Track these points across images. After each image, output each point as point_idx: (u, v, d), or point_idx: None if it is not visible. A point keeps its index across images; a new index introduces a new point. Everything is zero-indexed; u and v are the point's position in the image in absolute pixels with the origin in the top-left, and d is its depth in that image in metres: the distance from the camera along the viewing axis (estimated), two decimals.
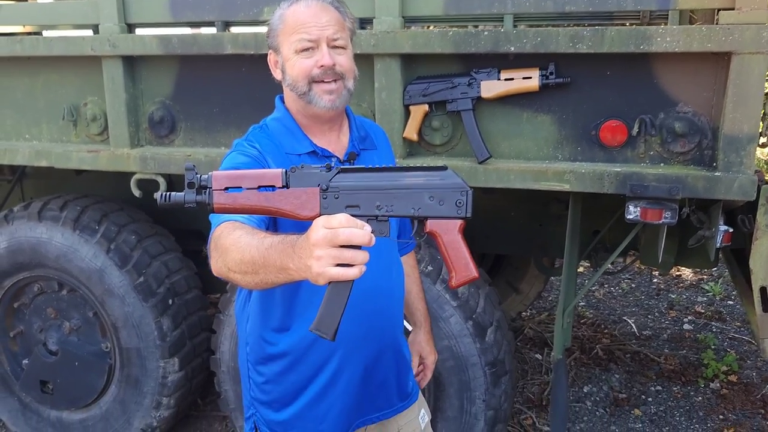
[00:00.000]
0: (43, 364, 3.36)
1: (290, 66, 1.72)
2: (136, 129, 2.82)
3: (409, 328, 2.20)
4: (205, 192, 1.39)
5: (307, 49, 1.69)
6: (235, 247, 1.40)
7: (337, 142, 1.82)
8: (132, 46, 2.68)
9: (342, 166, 1.42)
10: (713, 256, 2.49)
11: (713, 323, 4.88)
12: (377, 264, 1.52)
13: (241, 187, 1.38)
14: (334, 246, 1.23)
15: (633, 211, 2.25)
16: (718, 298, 5.33)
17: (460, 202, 1.42)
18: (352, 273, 1.24)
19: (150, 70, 2.77)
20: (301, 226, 1.44)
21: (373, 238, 1.28)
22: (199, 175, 1.39)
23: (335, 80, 1.70)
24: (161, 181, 2.80)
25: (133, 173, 2.82)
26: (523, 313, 4.88)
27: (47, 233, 3.15)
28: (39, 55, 2.85)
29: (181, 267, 3.31)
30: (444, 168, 1.43)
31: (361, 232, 1.24)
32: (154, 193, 2.76)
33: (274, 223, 1.67)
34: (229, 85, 2.68)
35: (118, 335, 3.17)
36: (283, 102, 1.84)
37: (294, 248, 1.29)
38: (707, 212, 2.44)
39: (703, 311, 5.09)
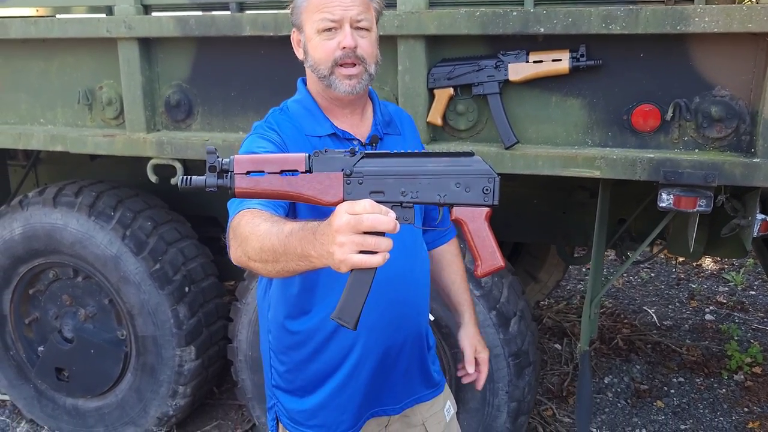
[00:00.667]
0: (58, 352, 3.33)
1: (312, 47, 1.67)
2: (152, 113, 2.76)
3: (432, 317, 2.14)
4: (226, 176, 1.36)
5: (329, 29, 1.63)
6: (255, 235, 1.37)
7: (359, 125, 1.78)
8: (148, 27, 2.62)
9: (366, 151, 1.38)
10: (749, 246, 2.41)
11: (736, 314, 4.79)
12: (401, 251, 1.48)
13: (263, 171, 1.35)
14: (357, 232, 1.19)
15: (666, 199, 2.17)
16: (740, 288, 5.24)
17: (487, 189, 1.39)
18: (375, 260, 1.21)
19: (167, 52, 2.71)
20: (321, 212, 1.40)
21: (398, 225, 1.23)
22: (220, 159, 1.35)
23: (356, 64, 1.65)
24: (178, 166, 2.74)
25: (150, 158, 2.76)
26: (542, 303, 4.81)
27: (62, 219, 3.11)
28: (54, 38, 2.78)
29: (197, 254, 3.26)
30: (471, 154, 1.40)
31: (386, 218, 1.20)
32: (174, 178, 2.76)
33: (293, 209, 1.63)
34: (247, 68, 2.61)
35: (134, 323, 3.12)
36: (305, 84, 1.79)
37: (315, 234, 1.26)
38: (742, 200, 2.35)
39: (725, 301, 5.00)
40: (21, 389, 3.49)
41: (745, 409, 3.64)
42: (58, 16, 3.81)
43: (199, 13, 3.73)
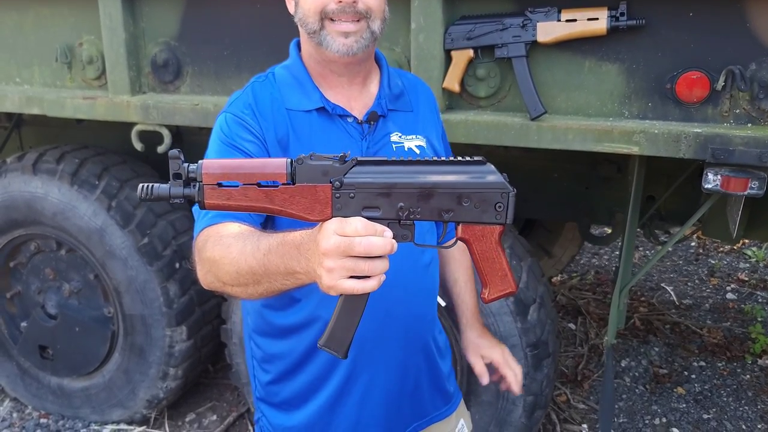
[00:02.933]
0: (41, 329, 3.13)
1: None
2: (137, 74, 2.50)
3: (442, 302, 1.90)
4: (193, 185, 1.11)
5: None
6: (227, 258, 1.21)
7: (358, 97, 1.51)
8: None
9: (359, 157, 1.14)
10: None
11: (758, 293, 4.56)
12: (401, 258, 1.21)
13: (237, 182, 1.11)
14: (348, 257, 1.03)
15: (713, 180, 1.91)
16: (762, 265, 5.00)
17: (499, 206, 1.16)
18: (369, 285, 1.05)
19: (153, 5, 2.44)
20: (302, 223, 1.17)
21: (395, 245, 1.07)
22: (186, 165, 1.11)
23: (357, 20, 1.38)
24: (165, 133, 2.50)
25: (134, 124, 2.51)
26: (555, 279, 4.58)
27: (42, 188, 2.87)
28: None
29: (188, 227, 3.01)
30: (483, 162, 1.16)
31: (381, 241, 1.04)
32: (161, 146, 2.51)
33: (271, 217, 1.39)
34: (241, 24, 2.34)
35: (121, 300, 2.91)
36: (299, 48, 1.52)
37: (299, 250, 1.11)
38: None
39: (746, 279, 4.77)
40: (4, 366, 3.31)
41: None
42: None
43: None
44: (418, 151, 1.52)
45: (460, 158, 1.18)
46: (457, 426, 1.78)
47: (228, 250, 1.22)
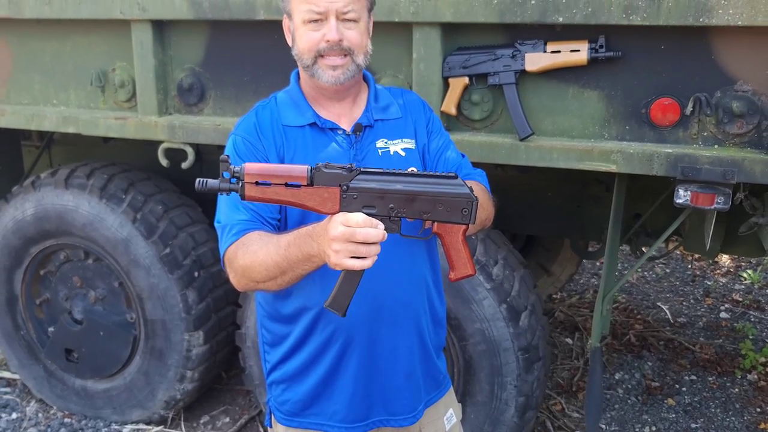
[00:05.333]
0: (68, 333, 3.34)
1: (299, 36, 1.68)
2: (164, 96, 2.74)
3: None
4: (237, 182, 1.47)
5: (315, 21, 1.63)
6: (256, 262, 1.55)
7: (348, 114, 1.76)
8: (162, 9, 2.59)
9: (363, 168, 1.49)
10: (767, 245, 2.36)
11: (751, 312, 4.73)
12: (390, 248, 1.53)
13: (269, 182, 1.47)
14: (350, 242, 1.39)
15: (683, 195, 2.13)
16: (756, 287, 5.17)
17: (465, 211, 1.52)
18: (366, 264, 1.42)
19: (180, 35, 2.68)
20: (308, 220, 1.60)
21: (386, 235, 1.43)
22: (233, 166, 1.47)
23: (344, 55, 1.64)
24: (189, 150, 2.73)
25: (161, 142, 2.75)
26: (554, 296, 4.77)
27: (74, 201, 3.11)
28: (67, 18, 2.76)
29: (207, 239, 3.24)
30: (455, 176, 1.52)
31: (375, 231, 1.40)
32: (185, 162, 2.74)
33: (285, 220, 1.72)
34: (260, 53, 2.58)
35: (143, 306, 3.12)
36: (298, 76, 1.80)
37: (312, 237, 1.47)
38: (761, 198, 2.30)
39: (740, 299, 4.93)
40: (31, 369, 3.52)
41: (758, 410, 3.59)
42: None
43: None
44: (403, 154, 1.74)
45: (437, 173, 1.53)
46: (446, 414, 1.95)
47: (256, 255, 1.55)
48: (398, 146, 1.75)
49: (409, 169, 1.59)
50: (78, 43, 2.85)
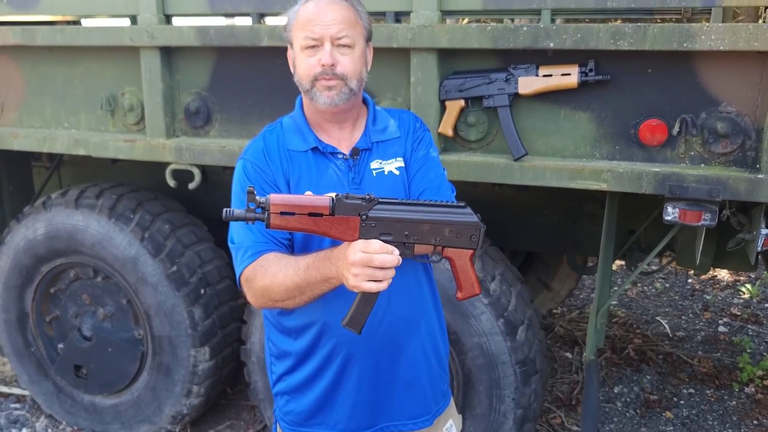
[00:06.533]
0: (77, 349, 3.42)
1: (298, 63, 1.77)
2: (172, 119, 2.84)
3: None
4: (263, 211, 1.55)
5: (312, 47, 1.72)
6: (276, 283, 1.65)
7: (348, 138, 1.84)
8: (169, 36, 2.70)
9: (380, 198, 1.59)
10: (754, 260, 2.43)
11: (749, 326, 4.79)
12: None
13: (294, 212, 1.56)
14: (368, 267, 1.50)
15: (671, 212, 2.21)
16: (755, 301, 5.23)
17: (474, 237, 1.63)
18: (382, 286, 1.53)
19: (187, 61, 2.79)
20: (311, 241, 1.73)
21: (401, 260, 1.55)
22: (259, 197, 1.55)
23: (337, 79, 1.73)
24: (196, 171, 2.82)
25: (168, 163, 2.84)
26: (554, 311, 4.84)
27: (83, 221, 3.20)
28: (78, 45, 2.88)
29: (213, 257, 3.33)
30: (465, 206, 1.64)
31: (391, 257, 1.52)
32: (192, 183, 2.83)
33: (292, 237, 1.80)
34: (264, 77, 2.68)
35: (151, 323, 3.20)
36: (302, 101, 1.88)
37: (330, 260, 1.59)
38: (748, 215, 2.38)
39: (739, 313, 4.99)
40: (41, 385, 3.59)
41: (755, 422, 3.64)
42: (83, 22, 3.92)
43: (222, 18, 3.83)
44: (397, 173, 1.83)
45: (448, 202, 1.64)
46: (446, 425, 2.02)
47: (275, 277, 1.65)
48: (392, 165, 1.83)
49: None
50: (88, 69, 2.95)
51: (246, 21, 3.98)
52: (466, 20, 4.44)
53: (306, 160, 1.79)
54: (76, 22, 3.98)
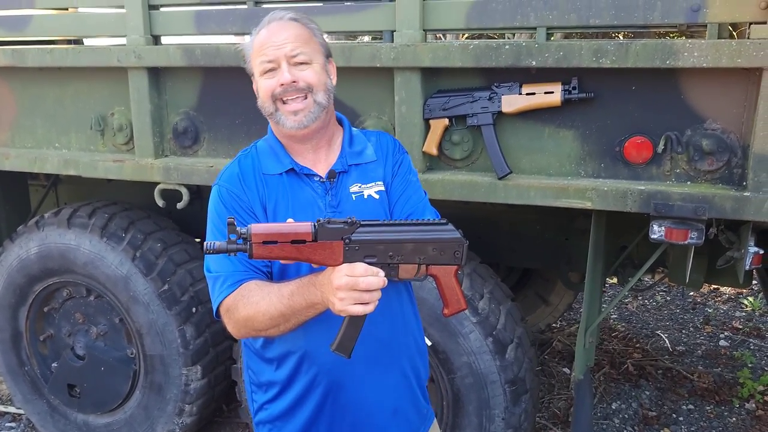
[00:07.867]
0: (70, 368, 3.42)
1: (259, 88, 1.77)
2: (160, 139, 2.85)
3: (428, 342, 2.15)
4: (245, 242, 1.53)
5: (270, 70, 1.72)
6: (259, 312, 1.63)
7: (324, 160, 1.83)
8: (156, 57, 2.71)
9: (362, 221, 1.58)
10: (742, 278, 2.40)
11: (751, 340, 4.73)
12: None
13: (276, 241, 1.53)
14: (354, 290, 1.49)
15: (657, 231, 2.19)
16: (757, 314, 5.17)
17: (457, 253, 1.63)
18: (368, 309, 1.52)
19: (174, 81, 2.80)
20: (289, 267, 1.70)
21: (386, 281, 1.53)
22: (240, 228, 1.54)
23: (304, 96, 1.71)
24: (184, 191, 2.82)
25: (157, 183, 2.85)
26: (553, 325, 4.80)
27: (76, 240, 3.20)
28: (68, 66, 2.89)
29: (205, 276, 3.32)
30: (446, 223, 1.63)
31: (376, 279, 1.51)
32: (180, 203, 2.83)
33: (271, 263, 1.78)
34: (251, 97, 2.61)
35: (143, 342, 3.20)
36: None
37: (315, 285, 1.57)
38: (737, 232, 2.36)
39: (740, 327, 4.94)
40: (35, 404, 3.59)
41: None
42: (82, 43, 3.93)
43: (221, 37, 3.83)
44: (377, 197, 1.81)
45: (430, 219, 1.64)
46: None
47: (258, 306, 1.62)
48: (372, 189, 1.82)
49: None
50: (78, 89, 2.97)
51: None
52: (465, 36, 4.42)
53: (282, 184, 1.77)
54: (78, 42, 4.00)
